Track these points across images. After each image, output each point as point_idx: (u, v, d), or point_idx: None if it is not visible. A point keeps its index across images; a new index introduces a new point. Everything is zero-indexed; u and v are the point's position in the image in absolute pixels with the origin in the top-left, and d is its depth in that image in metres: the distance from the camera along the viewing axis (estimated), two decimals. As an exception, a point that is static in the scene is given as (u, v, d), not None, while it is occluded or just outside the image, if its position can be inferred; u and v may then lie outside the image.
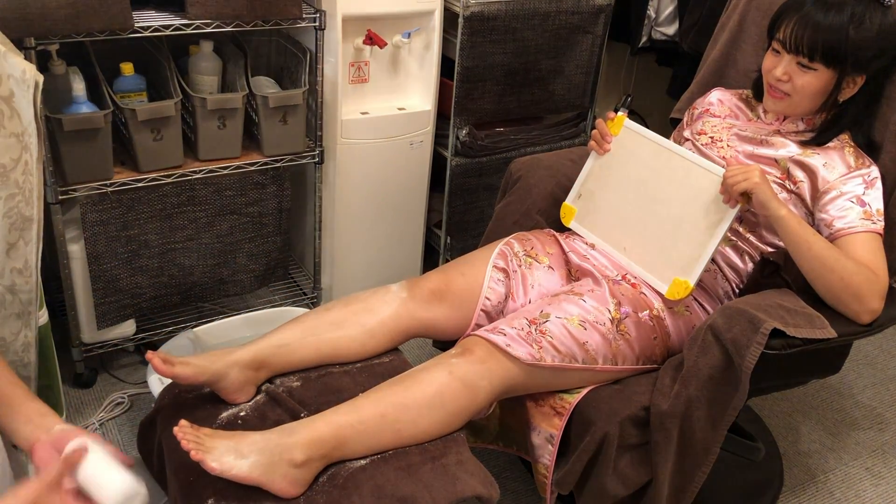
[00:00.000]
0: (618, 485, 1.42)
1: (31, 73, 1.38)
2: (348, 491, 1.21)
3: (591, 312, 1.47)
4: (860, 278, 1.40)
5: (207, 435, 1.18)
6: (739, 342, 1.32)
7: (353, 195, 2.23)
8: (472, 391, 1.35)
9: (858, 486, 1.99)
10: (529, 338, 1.41)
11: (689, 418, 1.37)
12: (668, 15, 2.56)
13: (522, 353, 1.39)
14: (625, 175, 1.65)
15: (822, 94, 1.52)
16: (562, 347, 1.42)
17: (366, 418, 1.27)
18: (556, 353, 1.42)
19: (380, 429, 1.28)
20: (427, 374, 1.34)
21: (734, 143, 1.65)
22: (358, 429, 1.26)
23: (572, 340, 1.43)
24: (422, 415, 1.31)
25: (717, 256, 1.61)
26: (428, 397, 1.31)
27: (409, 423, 1.30)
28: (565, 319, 1.45)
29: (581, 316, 1.46)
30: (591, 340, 1.44)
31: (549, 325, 1.44)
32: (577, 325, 1.45)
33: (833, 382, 2.34)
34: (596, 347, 1.45)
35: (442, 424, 1.33)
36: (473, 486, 1.25)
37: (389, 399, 1.30)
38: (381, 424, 1.28)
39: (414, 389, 1.32)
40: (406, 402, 1.30)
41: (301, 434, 1.22)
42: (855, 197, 1.49)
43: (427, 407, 1.31)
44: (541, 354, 1.40)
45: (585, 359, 1.44)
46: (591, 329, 1.45)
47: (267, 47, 2.15)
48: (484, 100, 2.28)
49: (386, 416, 1.28)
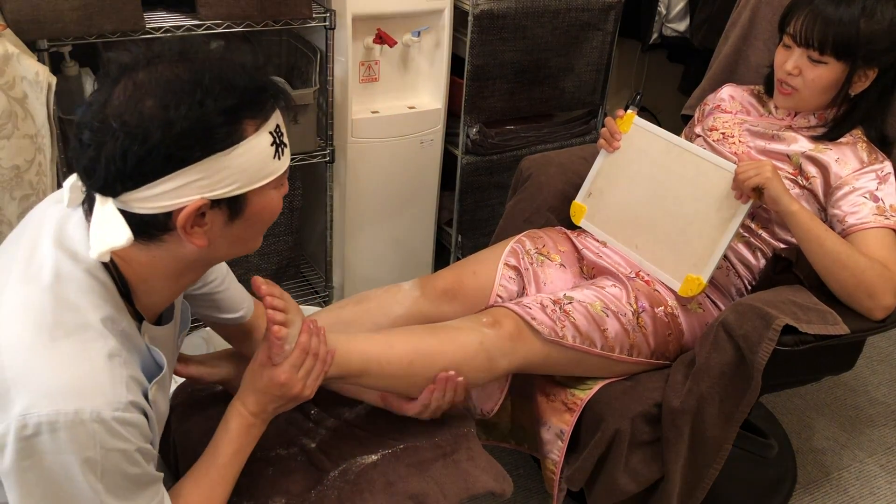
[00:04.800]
0: (629, 481, 1.41)
1: (44, 74, 1.39)
2: (360, 487, 1.21)
3: (613, 301, 1.48)
4: (873, 274, 1.39)
5: (289, 300, 1.14)
6: (751, 339, 1.32)
7: (364, 194, 2.24)
8: (492, 366, 1.37)
9: (873, 483, 1.97)
10: (553, 315, 1.42)
11: (700, 415, 1.37)
12: (679, 11, 2.55)
13: (545, 328, 1.39)
14: (635, 172, 1.64)
15: (833, 88, 1.52)
16: (583, 328, 1.43)
17: (394, 360, 1.28)
18: (577, 333, 1.42)
19: (401, 373, 1.29)
20: (460, 337, 1.36)
21: (746, 138, 1.64)
22: (384, 366, 1.28)
23: (594, 323, 1.44)
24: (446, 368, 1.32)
25: (730, 253, 1.60)
26: (455, 361, 1.32)
27: (428, 378, 1.31)
28: (588, 304, 1.46)
29: (603, 303, 1.46)
30: (611, 327, 1.45)
31: (572, 306, 1.45)
32: (600, 311, 1.45)
33: (847, 379, 2.32)
34: (615, 335, 1.45)
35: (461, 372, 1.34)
36: (485, 482, 1.25)
37: (421, 349, 1.32)
38: (405, 370, 1.29)
39: (446, 348, 1.33)
40: (435, 357, 1.32)
41: (336, 355, 1.20)
42: (868, 192, 1.48)
43: (450, 368, 1.32)
44: (563, 332, 1.41)
45: (604, 345, 1.44)
46: (613, 317, 1.46)
47: (277, 47, 2.16)
48: (494, 98, 2.28)
49: (413, 364, 1.30)
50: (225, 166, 0.86)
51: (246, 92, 0.88)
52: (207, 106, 0.84)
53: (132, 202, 0.86)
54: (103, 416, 0.83)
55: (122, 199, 0.86)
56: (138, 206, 0.86)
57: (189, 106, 0.84)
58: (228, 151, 0.86)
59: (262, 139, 0.89)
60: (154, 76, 0.86)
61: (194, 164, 0.85)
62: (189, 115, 0.83)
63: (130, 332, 0.93)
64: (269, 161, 0.91)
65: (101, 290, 0.89)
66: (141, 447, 0.88)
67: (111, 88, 0.86)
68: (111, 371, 0.86)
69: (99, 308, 0.88)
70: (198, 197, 0.86)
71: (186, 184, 0.85)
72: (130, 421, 0.86)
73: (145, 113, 0.83)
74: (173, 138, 0.83)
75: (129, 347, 0.92)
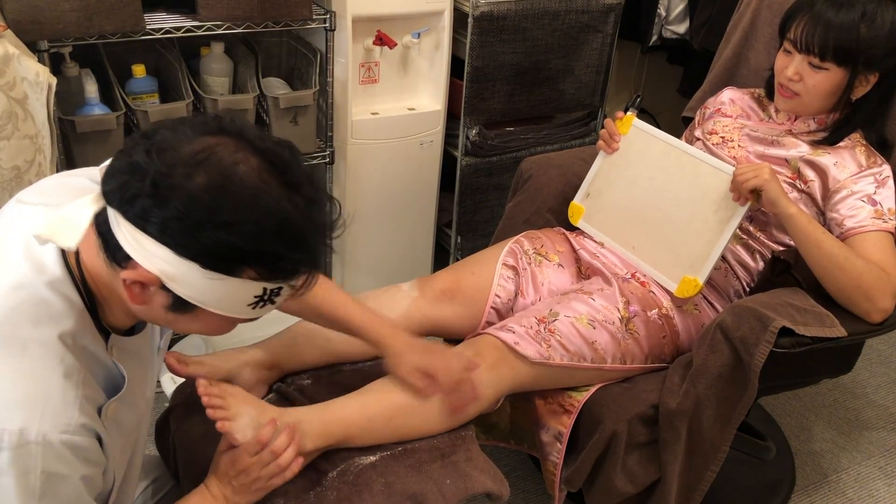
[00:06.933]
0: (626, 483, 1.42)
1: (44, 75, 1.40)
2: (359, 488, 1.21)
3: (601, 311, 1.47)
4: (871, 277, 1.39)
5: (231, 394, 1.18)
6: (748, 340, 1.32)
7: (364, 195, 2.24)
8: (479, 399, 1.36)
9: (871, 485, 1.98)
10: (538, 336, 1.41)
11: (697, 417, 1.37)
12: (679, 13, 2.55)
13: (531, 351, 1.39)
14: (633, 174, 1.65)
15: (834, 93, 1.52)
16: (571, 346, 1.42)
17: (373, 419, 1.28)
18: (564, 353, 1.42)
19: (385, 430, 1.29)
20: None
21: (745, 143, 1.64)
22: (365, 428, 1.28)
23: (581, 339, 1.43)
24: (427, 422, 1.32)
25: (729, 255, 1.60)
26: (437, 408, 1.32)
27: (414, 428, 1.31)
28: (574, 318, 1.45)
29: (590, 315, 1.46)
30: (599, 339, 1.45)
31: (558, 323, 1.44)
32: (587, 324, 1.45)
33: (846, 381, 2.32)
34: (605, 346, 1.45)
35: (447, 427, 1.35)
36: (483, 483, 1.26)
37: (399, 402, 1.30)
38: (387, 427, 1.29)
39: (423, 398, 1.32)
40: (414, 408, 1.30)
41: (313, 426, 1.23)
42: (866, 196, 1.48)
43: (434, 416, 1.32)
44: (549, 353, 1.41)
45: (594, 358, 1.44)
46: (601, 328, 1.45)
47: (277, 48, 2.16)
48: (494, 99, 2.28)
49: (392, 420, 1.29)
50: (197, 277, 0.81)
51: (285, 257, 0.82)
52: (240, 234, 0.79)
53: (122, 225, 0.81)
54: (50, 438, 0.79)
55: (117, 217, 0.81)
56: (120, 232, 0.81)
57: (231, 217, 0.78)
58: (208, 272, 0.81)
59: (250, 288, 0.83)
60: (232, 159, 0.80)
61: (178, 255, 0.79)
62: (218, 228, 0.78)
63: (93, 349, 0.89)
64: (242, 306, 0.85)
65: (63, 304, 0.85)
66: (85, 475, 0.85)
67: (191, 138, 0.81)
68: (64, 391, 0.82)
69: (58, 323, 0.84)
70: (155, 272, 0.80)
71: (158, 257, 0.80)
72: (79, 445, 0.83)
73: (192, 188, 0.78)
74: (183, 225, 0.78)
75: (91, 364, 0.88)
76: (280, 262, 0.83)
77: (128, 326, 0.96)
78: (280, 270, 0.84)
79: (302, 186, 0.83)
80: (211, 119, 0.86)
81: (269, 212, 0.80)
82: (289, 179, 0.83)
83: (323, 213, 0.86)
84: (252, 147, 0.83)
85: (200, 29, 1.77)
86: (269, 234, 0.80)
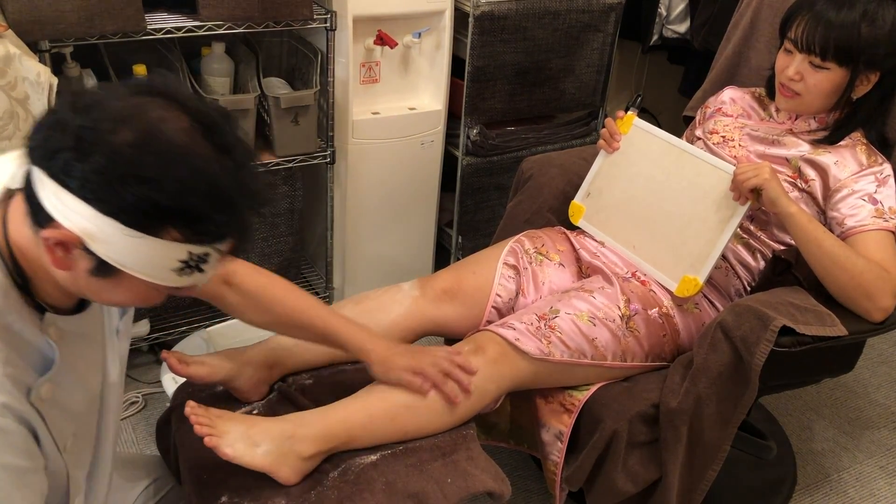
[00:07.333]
0: (627, 482, 1.42)
1: (45, 75, 1.40)
2: (360, 487, 1.21)
3: (601, 309, 1.47)
4: (871, 276, 1.39)
5: (218, 416, 1.20)
6: (749, 339, 1.32)
7: (365, 195, 2.24)
8: (480, 395, 1.36)
9: (873, 484, 1.97)
10: (539, 333, 1.41)
11: (698, 416, 1.37)
12: (680, 13, 2.55)
13: (531, 347, 1.39)
14: (634, 173, 1.65)
15: (835, 92, 1.52)
16: (571, 343, 1.43)
17: (376, 417, 1.28)
18: (564, 349, 1.42)
19: (387, 429, 1.29)
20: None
21: (746, 142, 1.64)
22: (367, 428, 1.28)
23: (581, 336, 1.44)
24: (430, 420, 1.32)
25: (729, 254, 1.60)
26: (439, 403, 1.32)
27: (417, 427, 1.31)
28: (575, 315, 1.45)
29: (591, 312, 1.46)
30: (600, 336, 1.45)
31: (559, 320, 1.44)
32: (587, 321, 1.45)
33: (847, 381, 2.32)
34: (605, 344, 1.45)
35: (449, 425, 1.35)
36: (484, 482, 1.26)
37: (401, 401, 1.30)
38: (389, 425, 1.29)
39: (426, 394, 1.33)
40: (416, 405, 1.31)
41: (313, 429, 1.24)
42: (866, 195, 1.48)
43: (437, 412, 1.32)
44: (550, 349, 1.41)
45: (594, 355, 1.45)
46: (601, 325, 1.45)
47: (278, 48, 2.16)
48: (495, 99, 2.28)
49: (395, 419, 1.29)
50: (118, 236, 0.78)
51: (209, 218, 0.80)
52: (163, 191, 0.76)
53: (45, 183, 0.78)
54: None
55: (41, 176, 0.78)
56: (43, 190, 0.78)
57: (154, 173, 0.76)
58: (129, 230, 0.78)
59: (173, 251, 0.80)
60: (159, 116, 0.79)
61: (98, 212, 0.77)
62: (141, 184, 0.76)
63: (19, 327, 0.85)
64: (166, 271, 0.81)
65: None
66: (7, 463, 0.79)
67: (120, 96, 0.80)
68: None
69: None
70: (76, 231, 0.77)
71: (79, 214, 0.77)
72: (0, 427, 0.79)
73: (116, 142, 0.76)
74: (105, 179, 0.76)
75: (16, 343, 0.84)
76: (203, 222, 0.80)
77: (69, 305, 0.92)
78: (204, 232, 0.81)
79: (233, 150, 0.82)
80: (144, 81, 0.84)
81: (194, 170, 0.78)
82: (220, 141, 0.81)
83: (253, 179, 0.83)
84: (183, 107, 0.81)
85: (201, 29, 1.77)
86: (193, 192, 0.78)
